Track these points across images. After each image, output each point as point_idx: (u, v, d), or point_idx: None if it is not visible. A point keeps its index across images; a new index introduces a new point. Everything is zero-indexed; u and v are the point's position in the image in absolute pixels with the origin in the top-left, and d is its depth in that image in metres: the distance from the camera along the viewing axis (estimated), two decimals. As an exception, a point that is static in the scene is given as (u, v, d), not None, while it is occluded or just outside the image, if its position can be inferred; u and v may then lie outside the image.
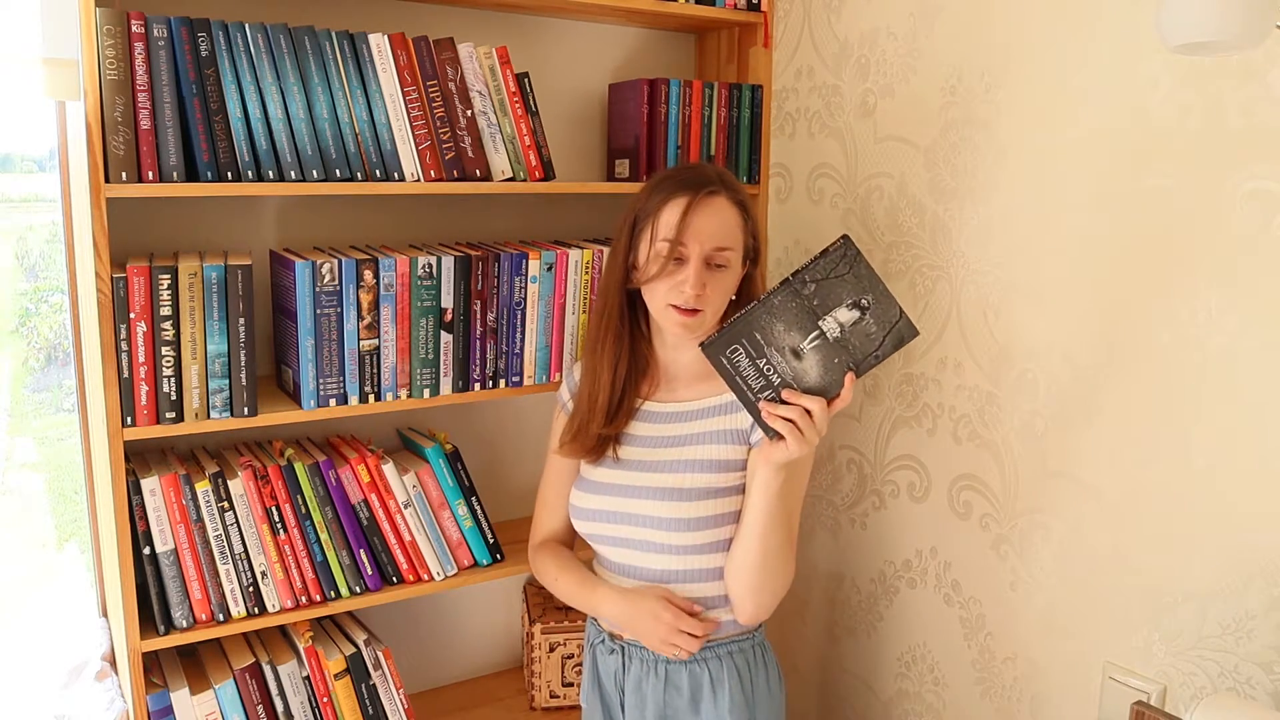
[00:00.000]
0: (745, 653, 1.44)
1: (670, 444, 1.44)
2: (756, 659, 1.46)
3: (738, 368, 1.27)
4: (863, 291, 1.25)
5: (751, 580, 1.37)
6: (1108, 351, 1.43)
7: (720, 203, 1.40)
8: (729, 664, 1.42)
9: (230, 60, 1.42)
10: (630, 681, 1.46)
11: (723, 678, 1.42)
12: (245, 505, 1.52)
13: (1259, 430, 1.26)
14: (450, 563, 1.68)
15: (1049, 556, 1.54)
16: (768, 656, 1.49)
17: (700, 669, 1.42)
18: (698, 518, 1.38)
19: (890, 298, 1.25)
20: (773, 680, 1.48)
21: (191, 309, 1.41)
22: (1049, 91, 1.49)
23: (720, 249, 1.39)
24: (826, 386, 1.26)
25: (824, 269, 1.25)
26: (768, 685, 1.46)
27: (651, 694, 1.43)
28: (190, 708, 1.51)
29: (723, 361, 1.27)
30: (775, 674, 1.49)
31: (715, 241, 1.38)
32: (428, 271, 1.57)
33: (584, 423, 1.48)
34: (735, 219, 1.41)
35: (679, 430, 1.44)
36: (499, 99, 1.65)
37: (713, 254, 1.39)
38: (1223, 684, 1.32)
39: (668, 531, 1.39)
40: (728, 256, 1.39)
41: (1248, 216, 1.25)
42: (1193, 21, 0.97)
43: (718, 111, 1.90)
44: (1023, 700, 1.61)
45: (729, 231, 1.40)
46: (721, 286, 1.40)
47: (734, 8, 1.91)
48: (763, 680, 1.46)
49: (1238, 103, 1.26)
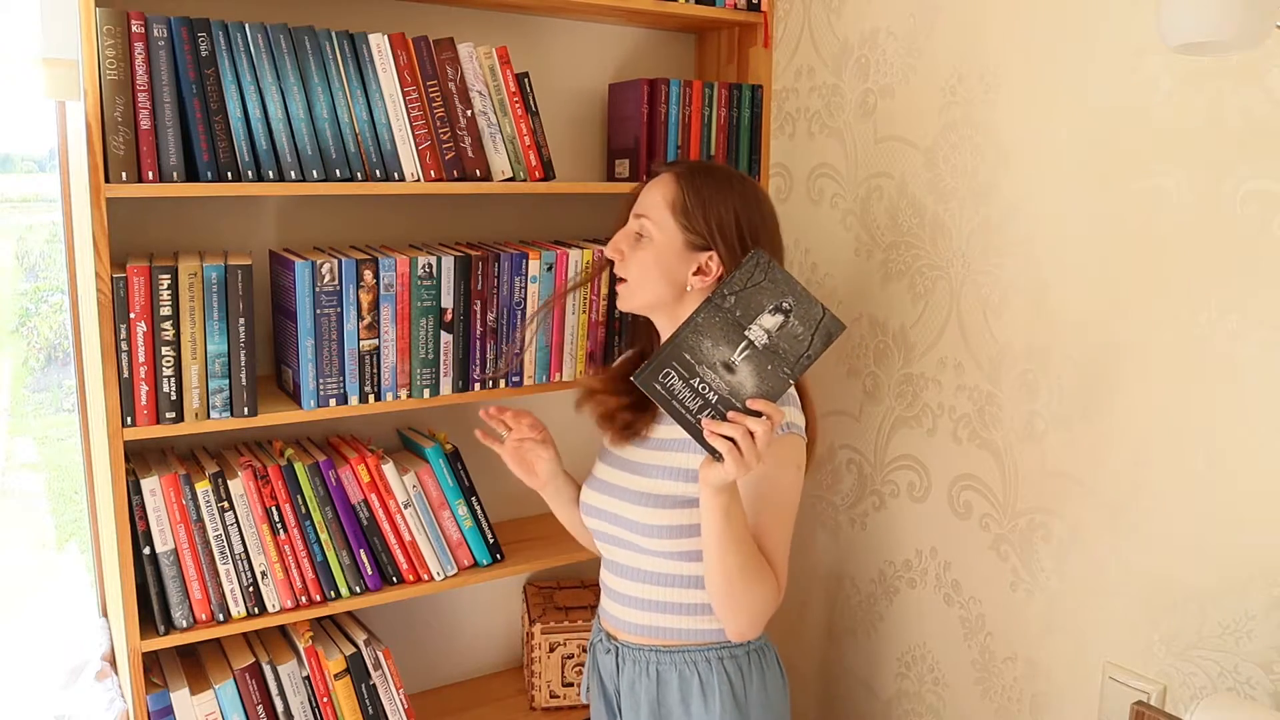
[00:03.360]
0: (737, 659, 1.42)
1: (660, 448, 1.43)
2: (751, 664, 1.43)
3: (672, 391, 1.25)
4: (781, 295, 1.25)
5: (724, 603, 1.32)
6: (1108, 351, 1.43)
7: (664, 178, 1.41)
8: (719, 668, 1.40)
9: (230, 60, 1.42)
10: (625, 682, 1.46)
11: (713, 682, 1.40)
12: (245, 505, 1.52)
13: (1259, 430, 1.26)
14: (450, 563, 1.68)
15: (1049, 556, 1.54)
16: (765, 662, 1.45)
17: (690, 671, 1.41)
18: (668, 525, 1.37)
19: (810, 297, 1.25)
20: (771, 685, 1.45)
21: (191, 309, 1.41)
22: (1049, 91, 1.49)
23: (638, 215, 1.41)
24: (767, 393, 1.24)
25: (740, 280, 1.25)
26: (764, 691, 1.43)
27: (645, 694, 1.43)
28: (190, 708, 1.51)
29: (656, 388, 1.26)
30: (775, 679, 1.46)
31: (639, 209, 1.42)
32: (428, 271, 1.57)
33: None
34: (668, 194, 1.40)
35: (670, 435, 1.44)
36: (499, 99, 1.65)
37: (632, 220, 1.42)
38: (1223, 684, 1.32)
39: (643, 536, 1.39)
40: (644, 225, 1.40)
41: (1248, 216, 1.25)
42: (1193, 21, 0.97)
43: (718, 111, 1.90)
44: (1023, 700, 1.61)
45: (654, 203, 1.40)
46: (638, 258, 1.40)
47: (734, 8, 1.91)
48: (758, 686, 1.43)
49: (1238, 103, 1.26)
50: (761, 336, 1.25)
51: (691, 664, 1.41)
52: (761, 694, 1.43)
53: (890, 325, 1.79)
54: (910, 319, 1.75)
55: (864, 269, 1.84)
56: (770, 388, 1.25)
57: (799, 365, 1.25)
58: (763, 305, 1.25)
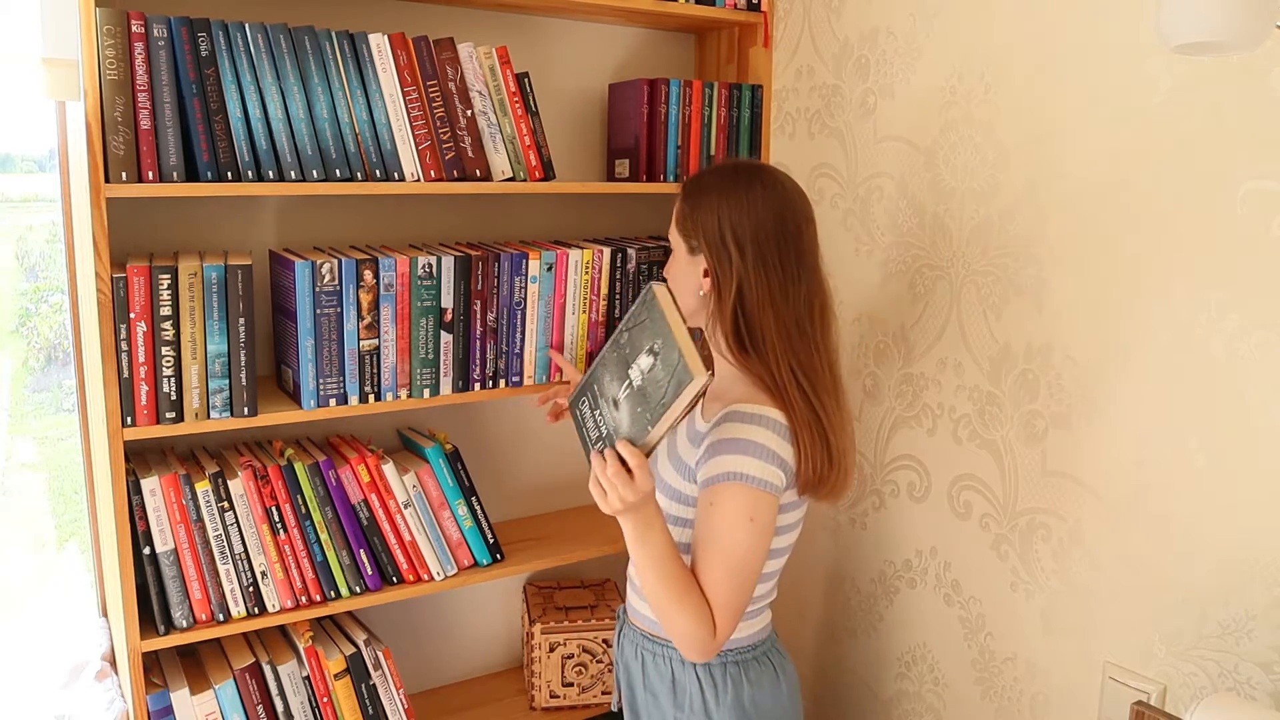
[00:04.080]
0: (711, 667, 1.38)
1: (663, 458, 1.43)
2: (726, 675, 1.38)
3: (583, 418, 1.23)
4: (654, 336, 1.16)
5: (656, 617, 1.29)
6: (1108, 351, 1.43)
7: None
8: (690, 670, 1.37)
9: (230, 60, 1.42)
10: (627, 653, 1.47)
11: (685, 682, 1.38)
12: (245, 505, 1.52)
13: (1259, 430, 1.26)
14: (450, 563, 1.68)
15: (1049, 556, 1.54)
16: (751, 676, 1.39)
17: (665, 666, 1.39)
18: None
19: (673, 342, 1.13)
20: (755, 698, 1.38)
21: (191, 309, 1.41)
22: (1049, 91, 1.49)
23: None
24: (634, 436, 1.16)
25: (633, 316, 1.19)
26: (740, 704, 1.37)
27: (632, 671, 1.45)
28: (190, 708, 1.51)
29: (575, 413, 1.24)
30: (768, 689, 1.40)
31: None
32: (428, 271, 1.57)
33: None
34: (676, 203, 1.43)
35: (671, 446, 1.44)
36: (499, 99, 1.65)
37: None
38: (1223, 684, 1.32)
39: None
40: (667, 244, 1.41)
41: (1248, 216, 1.25)
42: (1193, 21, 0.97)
43: (718, 111, 1.90)
44: (1023, 700, 1.61)
45: (672, 216, 1.44)
46: (669, 272, 1.43)
47: (734, 8, 1.91)
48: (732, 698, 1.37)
49: (1238, 103, 1.26)
50: (638, 377, 1.18)
51: (666, 660, 1.40)
52: (736, 708, 1.37)
53: (890, 325, 1.79)
54: (910, 319, 1.75)
55: (864, 269, 1.84)
56: (636, 431, 1.16)
57: (657, 412, 1.14)
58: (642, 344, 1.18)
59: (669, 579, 1.24)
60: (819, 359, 1.34)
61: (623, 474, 1.17)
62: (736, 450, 1.26)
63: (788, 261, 1.32)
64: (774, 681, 1.41)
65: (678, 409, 1.12)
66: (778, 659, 1.44)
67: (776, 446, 1.27)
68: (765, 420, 1.28)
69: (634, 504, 1.19)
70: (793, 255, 1.33)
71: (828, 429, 1.31)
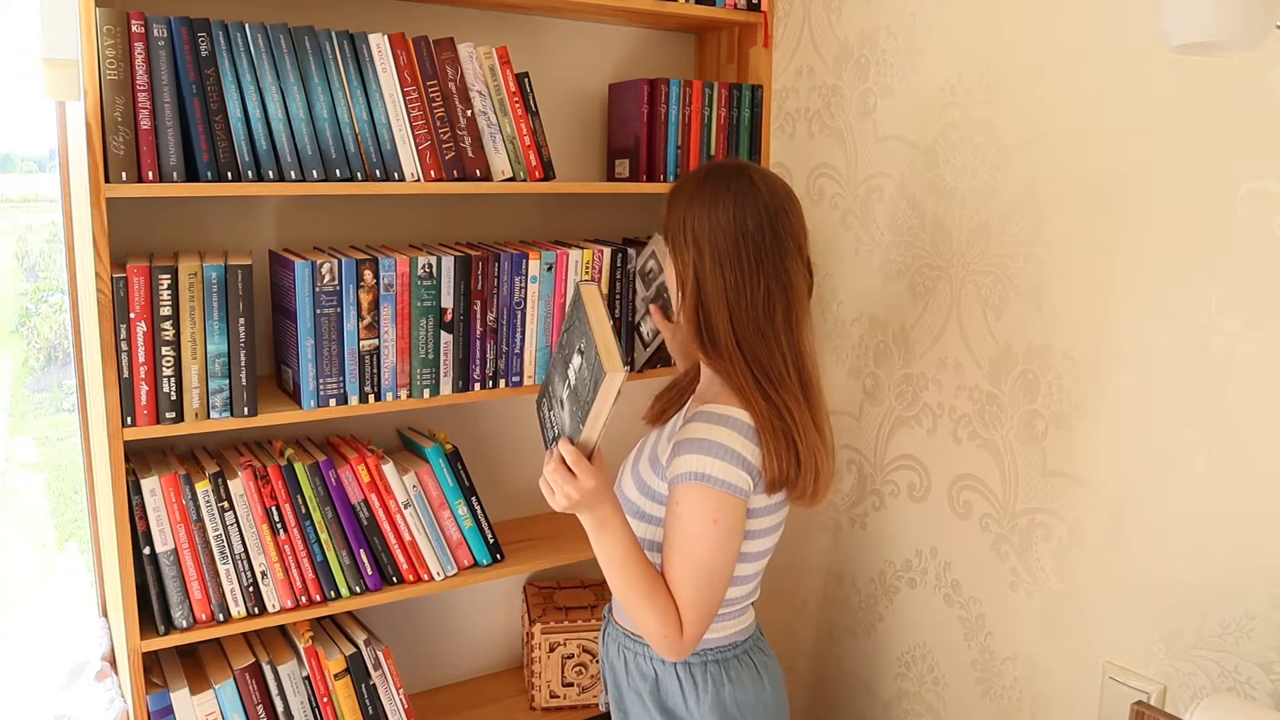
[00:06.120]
0: (691, 666, 1.37)
1: (641, 457, 1.43)
2: (705, 674, 1.37)
3: (541, 418, 1.25)
4: (581, 336, 1.17)
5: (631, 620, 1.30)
6: (1108, 351, 1.43)
7: None
8: (669, 669, 1.38)
9: (230, 60, 1.42)
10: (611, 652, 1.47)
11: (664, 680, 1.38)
12: (245, 505, 1.52)
13: (1259, 430, 1.26)
14: (450, 563, 1.68)
15: (1049, 556, 1.54)
16: (732, 674, 1.38)
17: (645, 664, 1.40)
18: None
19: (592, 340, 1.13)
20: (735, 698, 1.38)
21: (191, 309, 1.41)
22: (1049, 91, 1.49)
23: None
24: (574, 435, 1.17)
25: (568, 318, 1.19)
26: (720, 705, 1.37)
27: (616, 669, 1.45)
28: (190, 708, 1.51)
29: (538, 410, 1.25)
30: (749, 687, 1.39)
31: None
32: (428, 271, 1.57)
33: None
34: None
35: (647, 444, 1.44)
36: (499, 99, 1.65)
37: None
38: (1223, 684, 1.32)
39: None
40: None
41: (1248, 216, 1.25)
42: (1193, 21, 0.97)
43: (718, 111, 1.90)
44: (1023, 700, 1.61)
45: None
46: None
47: (734, 8, 1.91)
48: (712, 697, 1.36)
49: (1238, 103, 1.26)
50: (572, 376, 1.19)
51: (648, 659, 1.40)
52: (716, 707, 1.37)
53: (890, 325, 1.79)
54: (910, 319, 1.75)
55: (864, 269, 1.84)
56: (574, 430, 1.17)
57: (585, 410, 1.14)
58: (574, 344, 1.18)
59: (632, 578, 1.26)
60: (781, 360, 1.30)
61: (563, 471, 1.19)
62: (699, 450, 1.26)
63: (744, 262, 1.29)
64: (755, 679, 1.40)
65: (602, 405, 1.12)
66: (760, 657, 1.43)
67: (741, 448, 1.26)
68: (730, 421, 1.27)
69: (580, 502, 1.20)
70: (750, 256, 1.29)
71: (794, 430, 1.28)
